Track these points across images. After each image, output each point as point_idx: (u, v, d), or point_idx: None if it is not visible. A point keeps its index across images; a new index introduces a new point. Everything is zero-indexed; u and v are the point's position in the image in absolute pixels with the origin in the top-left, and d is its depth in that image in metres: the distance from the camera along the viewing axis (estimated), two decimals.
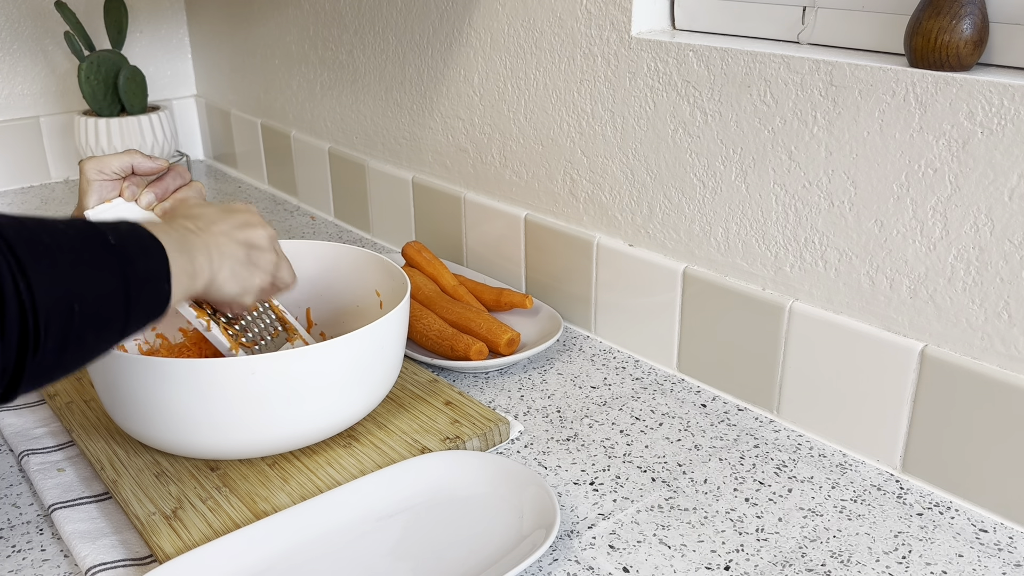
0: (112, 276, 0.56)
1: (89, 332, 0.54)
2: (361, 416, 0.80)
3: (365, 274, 0.92)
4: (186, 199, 0.79)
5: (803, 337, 0.82)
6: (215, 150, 1.78)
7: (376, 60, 1.27)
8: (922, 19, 0.70)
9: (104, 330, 0.56)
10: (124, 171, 0.77)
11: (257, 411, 0.72)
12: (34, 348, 0.50)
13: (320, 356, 0.72)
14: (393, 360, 0.81)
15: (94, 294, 0.54)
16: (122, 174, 0.77)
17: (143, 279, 0.58)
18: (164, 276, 0.60)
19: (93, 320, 0.54)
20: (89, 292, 0.54)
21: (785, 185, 0.81)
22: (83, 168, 0.77)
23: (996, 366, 0.70)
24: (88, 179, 0.76)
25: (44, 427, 0.84)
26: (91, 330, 0.54)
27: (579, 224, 1.02)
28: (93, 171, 0.76)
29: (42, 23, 1.60)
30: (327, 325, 0.94)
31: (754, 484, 0.76)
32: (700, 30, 0.91)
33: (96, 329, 0.55)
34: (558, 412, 0.88)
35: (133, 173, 0.78)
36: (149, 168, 0.78)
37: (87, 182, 0.76)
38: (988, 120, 0.67)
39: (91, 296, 0.54)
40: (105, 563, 0.67)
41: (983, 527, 0.71)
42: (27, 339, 0.49)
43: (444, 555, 0.67)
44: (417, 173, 1.25)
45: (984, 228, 0.69)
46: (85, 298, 0.53)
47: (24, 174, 1.63)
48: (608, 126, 0.95)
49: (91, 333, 0.54)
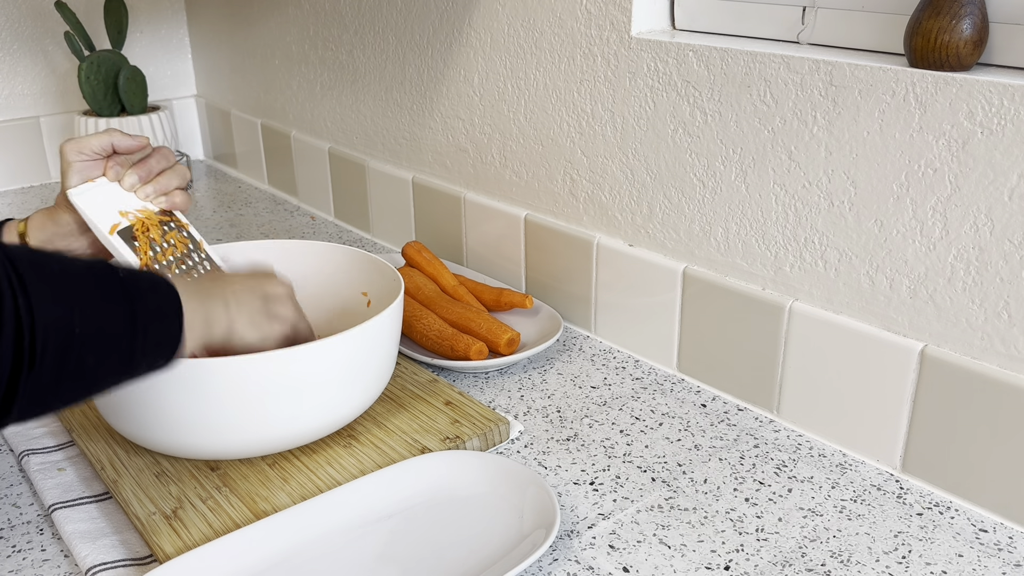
0: (117, 305, 0.56)
1: (89, 356, 0.54)
2: (358, 413, 0.80)
3: (352, 274, 0.92)
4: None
5: (803, 337, 0.82)
6: (215, 150, 1.78)
7: (376, 60, 1.27)
8: (922, 19, 0.70)
9: (106, 357, 0.55)
10: (104, 150, 0.77)
11: (254, 410, 0.72)
12: (29, 364, 0.50)
13: (317, 353, 0.73)
14: (388, 356, 0.81)
15: (97, 319, 0.54)
16: (102, 153, 0.77)
17: (151, 313, 0.58)
18: (174, 314, 0.60)
19: (95, 345, 0.54)
20: (91, 316, 0.54)
21: (785, 185, 0.81)
22: (63, 149, 0.76)
23: (996, 366, 0.70)
24: (68, 160, 0.76)
25: (44, 427, 0.84)
26: (92, 355, 0.54)
27: (579, 224, 1.02)
28: (72, 152, 0.76)
29: (42, 23, 1.60)
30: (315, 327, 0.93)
31: (754, 484, 0.76)
32: (700, 30, 0.91)
33: (98, 355, 0.54)
34: (558, 412, 0.88)
35: (114, 152, 0.78)
36: (128, 146, 0.78)
37: (67, 163, 0.76)
38: (988, 120, 0.67)
39: (93, 320, 0.54)
40: (105, 563, 0.67)
41: (983, 527, 0.71)
42: (22, 354, 0.49)
43: (444, 555, 0.67)
44: (417, 173, 1.26)
45: (984, 228, 0.69)
46: (87, 321, 0.53)
47: (24, 174, 1.63)
48: (608, 126, 0.95)
49: (92, 358, 0.54)
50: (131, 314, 0.56)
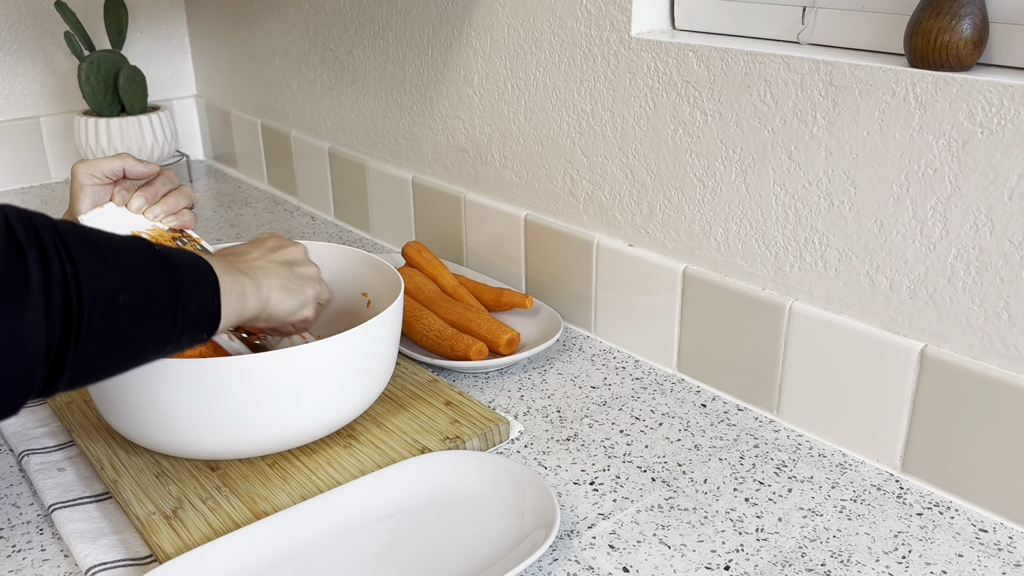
0: (157, 274, 0.58)
1: (134, 323, 0.56)
2: (358, 413, 0.80)
3: (352, 274, 0.92)
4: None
5: (803, 337, 0.82)
6: (215, 150, 1.78)
7: (376, 60, 1.27)
8: (922, 19, 0.70)
9: (150, 325, 0.58)
10: (115, 175, 0.78)
11: (254, 410, 0.72)
12: (77, 329, 0.52)
13: (317, 353, 0.73)
14: (388, 357, 0.81)
15: (140, 287, 0.57)
16: (113, 178, 0.78)
17: (190, 283, 0.61)
18: (212, 287, 0.63)
19: (139, 312, 0.56)
20: (135, 284, 0.56)
21: (785, 185, 0.81)
22: (75, 172, 0.77)
23: (996, 366, 0.70)
24: (80, 183, 0.77)
25: (44, 427, 0.84)
26: (136, 322, 0.56)
27: (579, 224, 1.02)
28: (85, 175, 0.77)
29: (42, 23, 1.60)
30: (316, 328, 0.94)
31: (754, 484, 0.76)
32: (700, 30, 0.91)
33: (141, 321, 0.57)
34: (558, 412, 0.88)
35: (124, 177, 0.79)
36: (140, 172, 0.79)
37: (79, 186, 0.77)
38: (988, 120, 0.67)
39: (137, 288, 0.56)
40: (105, 563, 0.67)
41: (983, 527, 0.71)
42: (71, 319, 0.51)
43: (444, 555, 0.67)
44: (417, 173, 1.26)
45: (984, 228, 0.69)
46: (131, 289, 0.56)
47: (24, 174, 1.63)
48: (608, 126, 0.95)
49: (136, 325, 0.56)
50: (171, 284, 0.59)
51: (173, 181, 0.82)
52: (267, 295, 0.70)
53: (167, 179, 0.81)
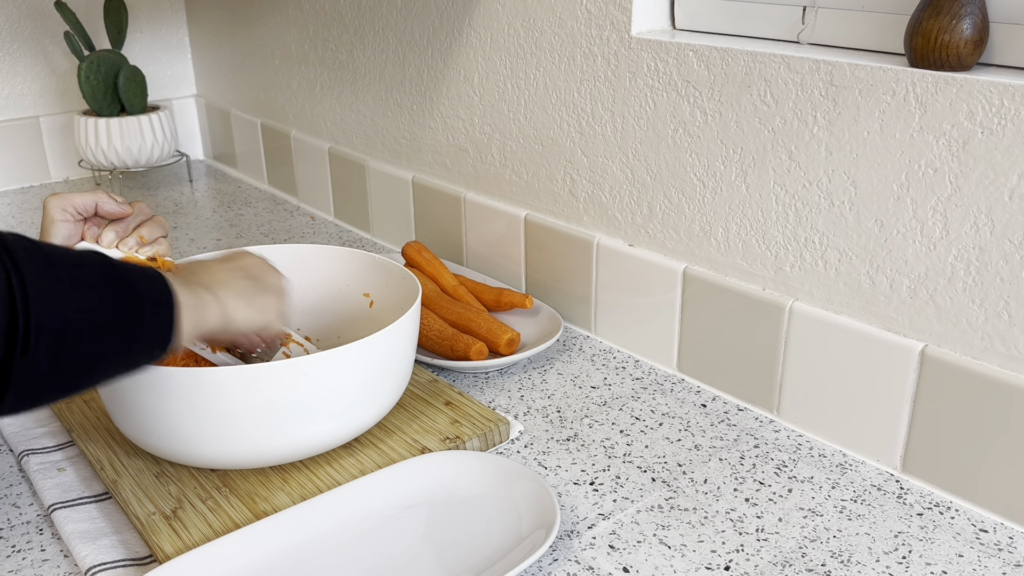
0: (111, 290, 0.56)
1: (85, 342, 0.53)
2: (371, 426, 0.79)
3: (352, 274, 0.92)
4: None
5: (803, 337, 0.82)
6: (215, 150, 1.78)
7: (376, 60, 1.27)
8: (922, 19, 0.70)
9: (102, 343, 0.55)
10: (87, 211, 0.75)
11: (264, 424, 0.71)
12: (23, 349, 0.49)
13: (333, 363, 0.71)
14: (405, 366, 0.80)
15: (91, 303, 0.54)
16: (85, 214, 0.75)
17: (144, 300, 0.58)
18: (167, 301, 0.60)
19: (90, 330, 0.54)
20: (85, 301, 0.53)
21: (785, 185, 0.81)
22: (47, 205, 0.74)
23: (996, 366, 0.70)
24: (51, 217, 0.74)
25: (44, 427, 0.84)
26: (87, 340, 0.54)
27: (579, 224, 1.02)
28: (56, 209, 0.74)
29: (42, 23, 1.60)
30: (320, 331, 0.93)
31: (754, 484, 0.76)
32: (700, 30, 0.91)
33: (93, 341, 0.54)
34: (558, 412, 0.88)
35: (96, 214, 0.76)
36: (113, 211, 0.76)
37: (50, 220, 0.74)
38: (988, 120, 0.67)
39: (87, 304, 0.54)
40: (105, 563, 0.67)
41: (983, 527, 0.71)
42: (15, 337, 0.49)
43: (444, 555, 0.67)
44: (417, 173, 1.25)
45: (984, 228, 0.69)
46: (82, 306, 0.53)
47: (24, 174, 1.63)
48: (608, 126, 0.95)
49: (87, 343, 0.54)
50: (124, 300, 0.56)
51: (146, 213, 0.79)
52: (226, 307, 0.67)
53: (139, 213, 0.78)
